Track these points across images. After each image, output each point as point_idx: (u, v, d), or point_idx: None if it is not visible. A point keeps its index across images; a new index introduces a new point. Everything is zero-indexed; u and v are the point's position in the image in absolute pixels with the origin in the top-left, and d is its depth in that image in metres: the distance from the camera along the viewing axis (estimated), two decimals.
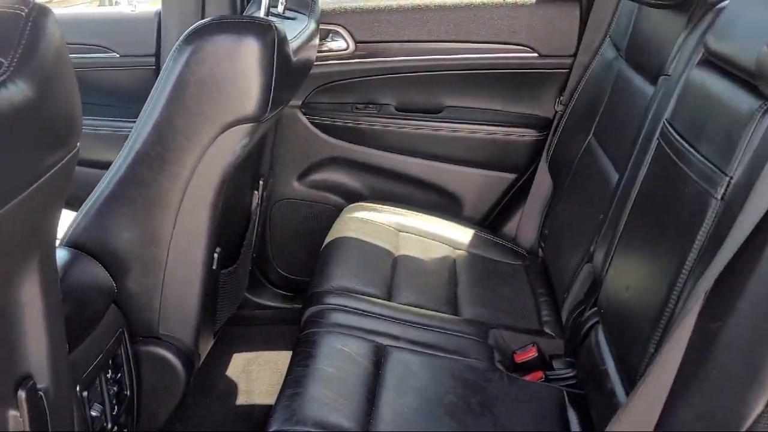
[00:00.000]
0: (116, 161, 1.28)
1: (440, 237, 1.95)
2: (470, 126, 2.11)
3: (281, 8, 1.59)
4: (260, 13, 1.41)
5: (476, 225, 2.09)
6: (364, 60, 2.09)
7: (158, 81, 1.23)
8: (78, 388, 1.11)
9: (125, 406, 1.30)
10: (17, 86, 0.64)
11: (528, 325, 1.62)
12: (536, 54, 2.05)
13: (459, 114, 2.12)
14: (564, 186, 1.82)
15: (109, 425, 1.22)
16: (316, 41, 1.67)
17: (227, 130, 1.24)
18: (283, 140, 2.13)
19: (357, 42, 2.08)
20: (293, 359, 1.32)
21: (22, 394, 0.79)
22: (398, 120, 2.12)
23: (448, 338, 1.47)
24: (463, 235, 1.98)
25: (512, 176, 2.14)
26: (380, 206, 2.02)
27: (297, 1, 1.70)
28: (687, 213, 0.99)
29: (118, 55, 2.16)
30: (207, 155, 1.25)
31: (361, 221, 1.91)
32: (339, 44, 2.08)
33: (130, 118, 1.46)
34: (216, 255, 1.41)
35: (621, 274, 1.24)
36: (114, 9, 3.18)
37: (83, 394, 1.14)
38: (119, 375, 1.28)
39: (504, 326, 1.58)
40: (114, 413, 1.25)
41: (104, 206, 1.28)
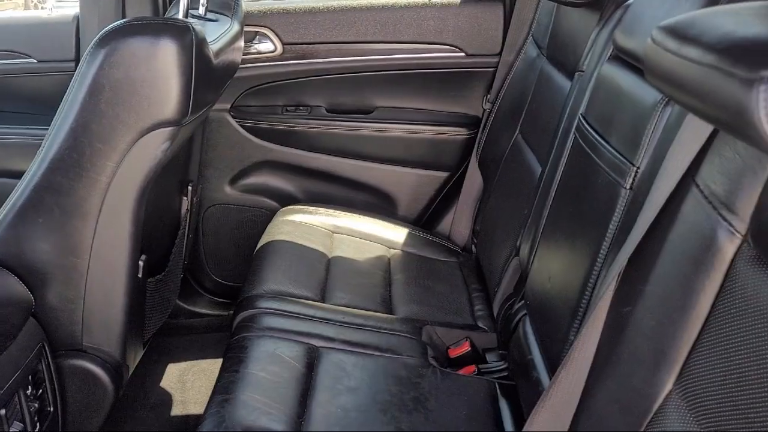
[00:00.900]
0: (30, 169, 1.23)
1: (375, 237, 1.96)
2: (401, 126, 2.13)
3: (202, 10, 1.56)
4: (179, 15, 1.39)
5: (411, 224, 2.11)
6: (293, 62, 2.08)
7: (71, 85, 1.19)
8: None
9: (48, 423, 1.25)
10: None
11: (461, 321, 1.64)
12: (463, 53, 2.08)
13: (390, 114, 2.13)
14: (493, 182, 1.86)
15: None
16: (241, 43, 1.65)
17: (146, 135, 1.21)
18: (213, 144, 2.10)
19: (285, 44, 2.07)
20: (224, 365, 1.30)
21: None
22: (329, 121, 2.12)
23: (382, 337, 1.48)
24: (398, 235, 1.99)
25: (444, 174, 2.17)
26: (314, 208, 2.01)
27: (219, 3, 1.68)
28: (600, 203, 1.02)
29: (36, 61, 2.09)
30: (126, 161, 1.22)
31: (295, 224, 1.90)
32: (267, 46, 2.07)
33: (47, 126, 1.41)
34: (141, 263, 1.38)
35: (544, 266, 1.27)
36: (30, 13, 3.07)
37: (0, 412, 1.09)
38: (41, 391, 1.23)
39: (438, 323, 1.59)
40: (36, 431, 1.20)
41: (19, 216, 1.23)
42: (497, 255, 1.65)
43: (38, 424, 1.22)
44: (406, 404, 1.26)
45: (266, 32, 2.06)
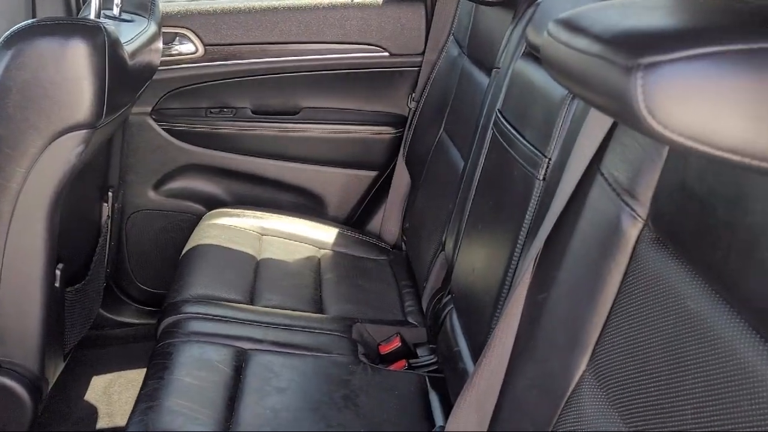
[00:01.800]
0: None
1: (304, 238, 1.95)
2: (328, 126, 2.13)
3: (116, 10, 1.52)
4: (91, 16, 1.35)
5: (341, 224, 2.11)
6: (216, 63, 2.05)
7: None
8: None
9: None
10: None
11: (392, 317, 1.65)
12: (387, 53, 2.10)
13: (316, 114, 2.13)
14: (420, 180, 1.88)
15: None
16: (159, 44, 1.62)
17: (58, 138, 1.17)
18: (134, 149, 2.04)
19: (206, 45, 2.03)
20: (148, 373, 1.27)
21: None
22: (255, 123, 2.10)
23: (312, 336, 1.48)
24: (328, 235, 1.99)
25: (373, 174, 2.18)
26: (242, 211, 1.98)
27: (135, 4, 1.63)
28: (517, 194, 1.05)
29: None
30: (37, 166, 1.18)
31: (222, 227, 1.87)
32: (188, 48, 2.03)
33: None
34: (58, 271, 1.33)
35: (468, 259, 1.29)
36: None
37: None
38: None
39: (368, 320, 1.60)
40: None
41: None
42: (425, 251, 1.67)
43: None
44: (336, 402, 1.26)
45: (187, 33, 2.02)
